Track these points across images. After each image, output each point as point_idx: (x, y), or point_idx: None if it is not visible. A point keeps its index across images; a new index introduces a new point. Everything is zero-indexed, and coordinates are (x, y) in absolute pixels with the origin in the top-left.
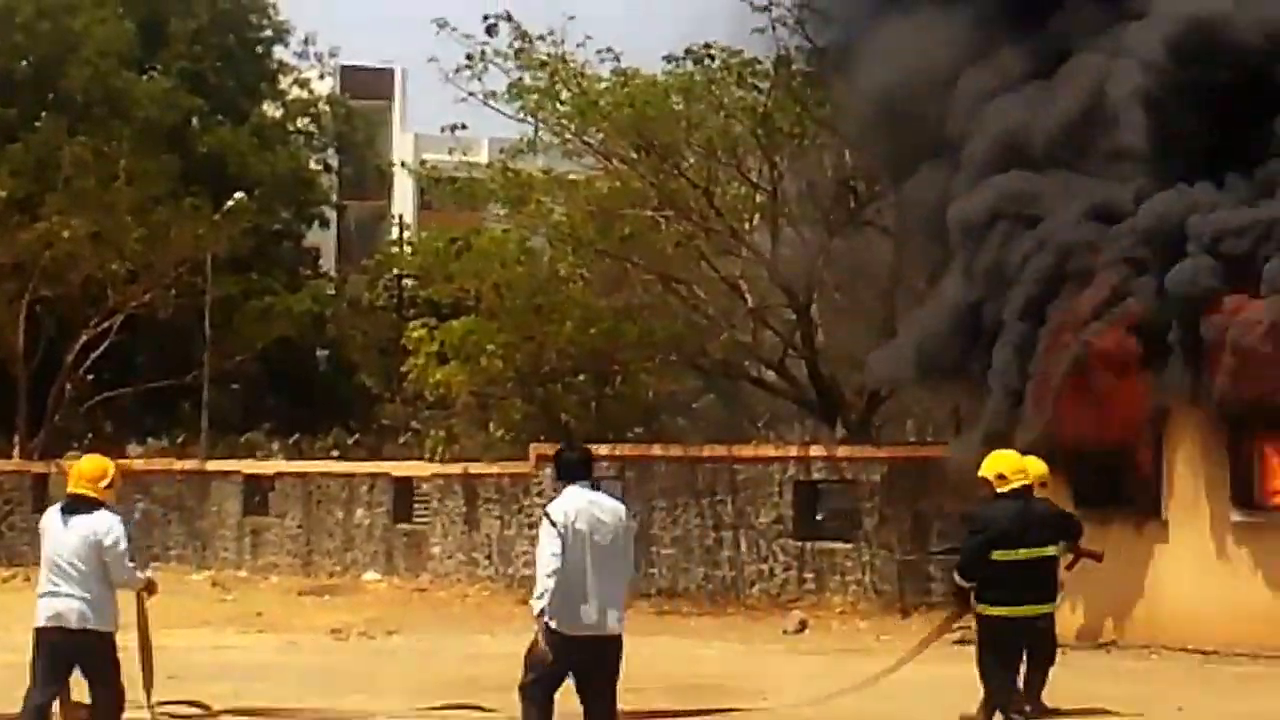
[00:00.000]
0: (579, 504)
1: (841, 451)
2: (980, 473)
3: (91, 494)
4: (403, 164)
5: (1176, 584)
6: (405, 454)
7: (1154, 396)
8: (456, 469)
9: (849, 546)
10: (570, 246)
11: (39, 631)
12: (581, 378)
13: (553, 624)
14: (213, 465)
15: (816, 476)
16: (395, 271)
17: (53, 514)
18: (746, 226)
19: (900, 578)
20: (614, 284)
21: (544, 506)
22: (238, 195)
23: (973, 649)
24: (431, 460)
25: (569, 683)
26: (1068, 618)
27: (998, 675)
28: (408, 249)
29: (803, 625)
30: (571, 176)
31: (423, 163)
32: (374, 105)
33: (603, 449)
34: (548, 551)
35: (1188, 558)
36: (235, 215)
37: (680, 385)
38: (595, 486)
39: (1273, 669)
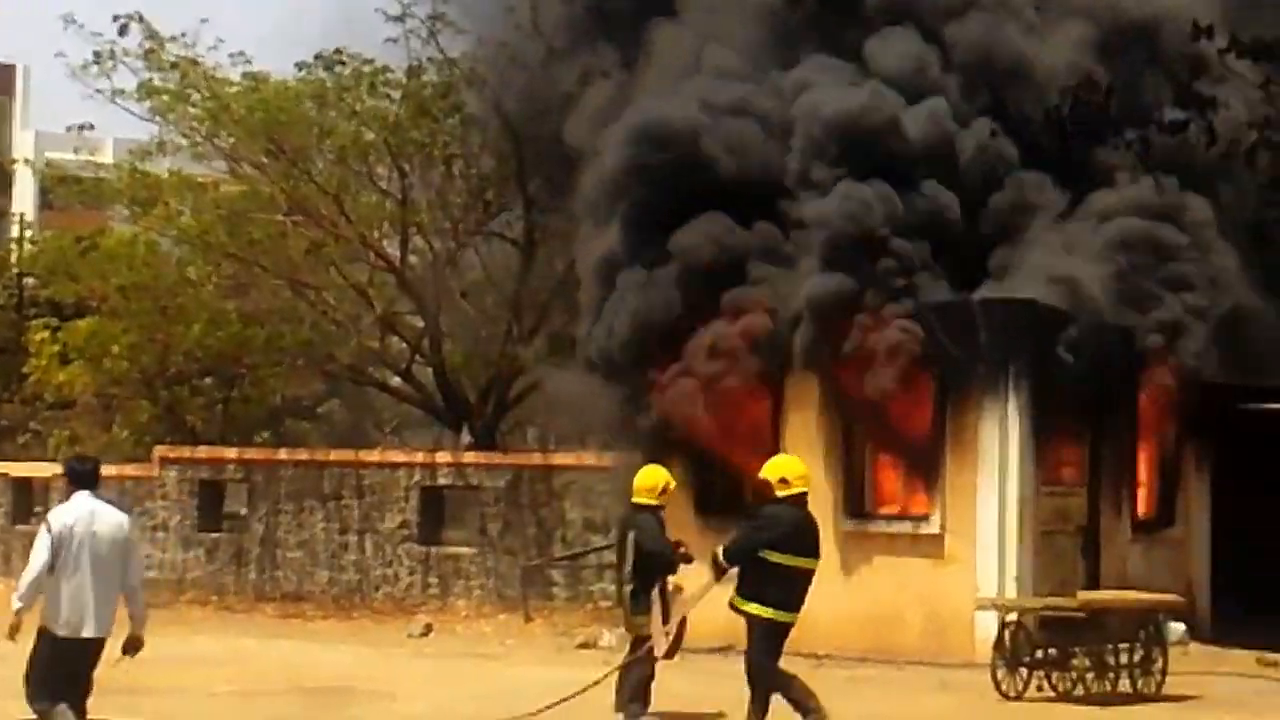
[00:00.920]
0: (80, 512)
1: (467, 458)
2: (762, 474)
3: None
4: (26, 161)
5: None
6: (24, 454)
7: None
8: None
9: (474, 551)
10: (199, 250)
11: None
12: (208, 380)
13: (59, 632)
14: None
15: (442, 482)
16: (16, 270)
17: None
18: (376, 234)
19: (524, 583)
20: (242, 288)
21: (46, 514)
22: None
23: (594, 653)
24: (54, 461)
25: None
26: (689, 620)
27: (773, 672)
28: (29, 248)
29: (428, 629)
30: (201, 179)
31: (47, 162)
32: None
33: (229, 452)
34: (37, 557)
35: None
36: None
37: (307, 390)
38: (100, 496)
39: (882, 672)
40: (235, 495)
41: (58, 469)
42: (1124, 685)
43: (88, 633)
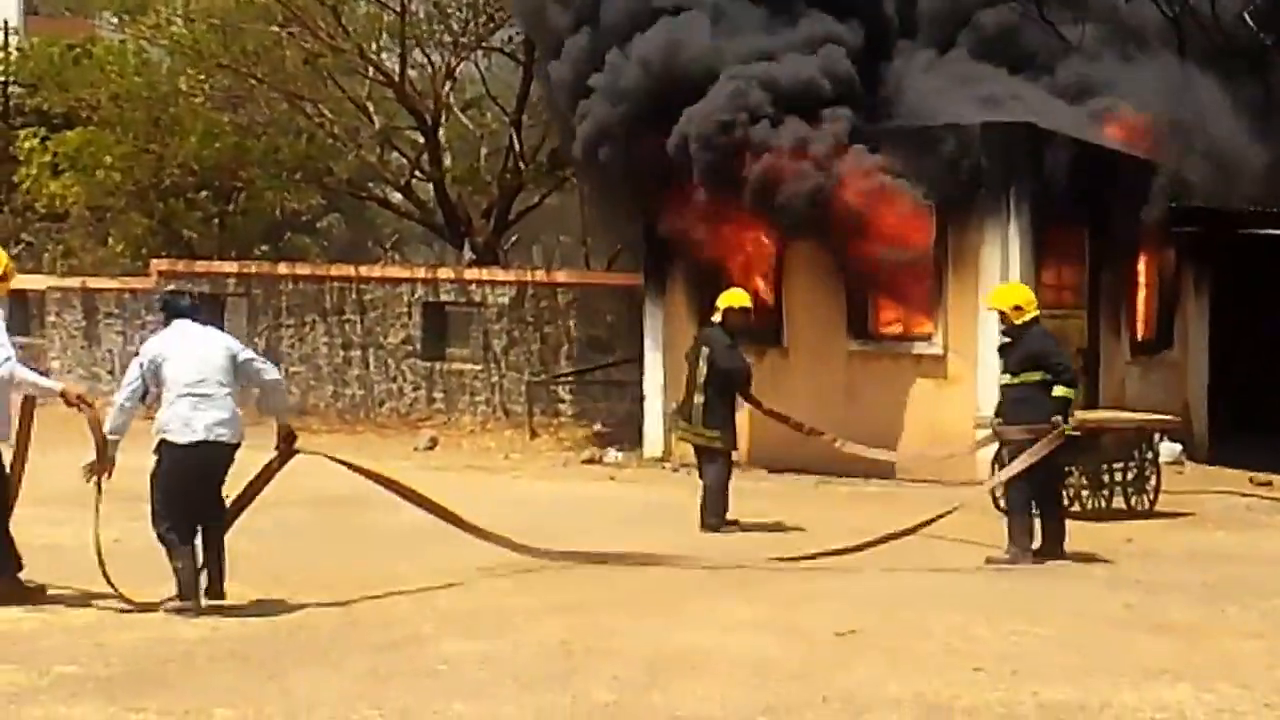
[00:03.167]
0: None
1: (469, 274)
2: (993, 306)
3: None
4: None
5: (795, 409)
6: (18, 267)
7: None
8: (75, 283)
9: (478, 368)
10: (191, 60)
11: None
12: (204, 194)
13: (168, 437)
14: None
15: (445, 298)
16: (1, 79)
17: None
18: (374, 47)
19: (529, 399)
20: (238, 100)
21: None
22: None
23: (600, 468)
24: (49, 274)
25: None
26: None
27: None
28: (15, 55)
29: (433, 443)
30: None
31: None
32: None
33: (228, 266)
34: (126, 384)
35: (807, 383)
36: None
37: (306, 204)
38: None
39: (884, 489)
40: (234, 310)
41: (54, 281)
42: (1118, 502)
43: (212, 438)
